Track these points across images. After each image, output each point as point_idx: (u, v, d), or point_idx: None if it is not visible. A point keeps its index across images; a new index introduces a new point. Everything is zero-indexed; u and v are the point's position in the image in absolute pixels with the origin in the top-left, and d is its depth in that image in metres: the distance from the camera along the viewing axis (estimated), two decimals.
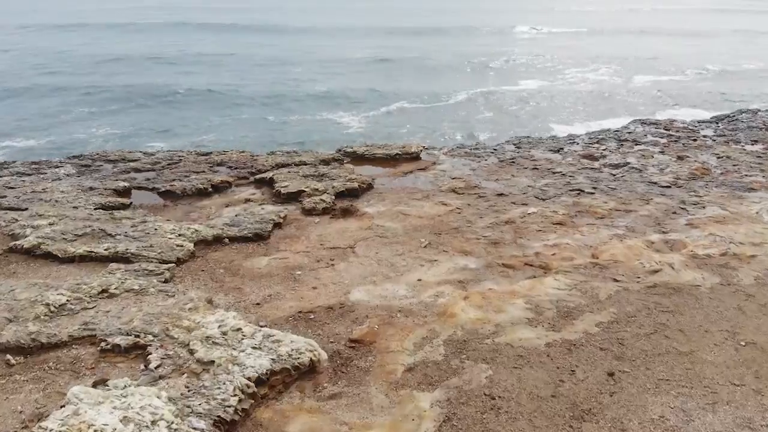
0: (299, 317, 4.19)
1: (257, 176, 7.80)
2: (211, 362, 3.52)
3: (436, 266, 5.07)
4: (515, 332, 4.00)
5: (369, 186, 7.41)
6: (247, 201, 7.05)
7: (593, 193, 7.11)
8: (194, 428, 3.01)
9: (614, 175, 7.89)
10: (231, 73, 22.54)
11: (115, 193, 7.21)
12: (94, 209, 6.60)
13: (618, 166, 8.30)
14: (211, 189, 7.30)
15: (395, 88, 19.38)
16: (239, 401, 3.25)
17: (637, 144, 9.67)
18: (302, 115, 16.41)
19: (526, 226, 6.03)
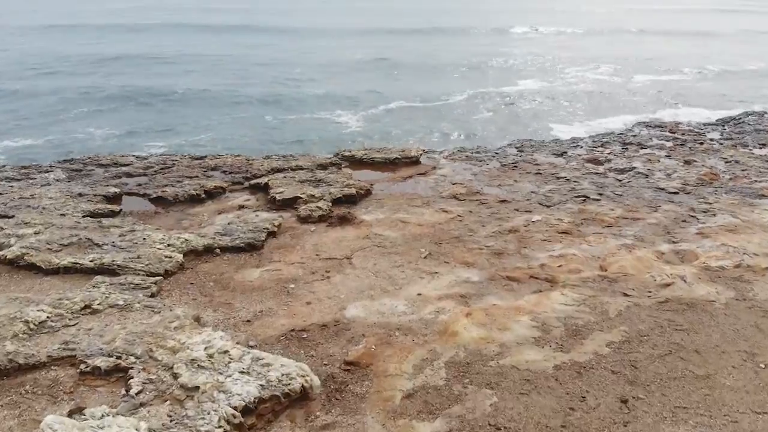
0: (291, 336, 3.95)
1: (252, 181, 7.56)
2: (196, 388, 3.28)
3: (437, 279, 4.83)
4: (521, 353, 3.77)
5: (367, 192, 7.17)
6: (241, 208, 6.82)
7: (599, 200, 6.87)
8: None
9: (620, 181, 7.65)
10: (230, 74, 22.33)
11: (105, 200, 6.98)
12: (82, 217, 6.37)
13: (624, 171, 8.06)
14: (204, 195, 7.07)
15: (394, 88, 19.17)
16: None
17: (643, 147, 9.43)
18: (301, 114, 16.23)
19: (531, 235, 5.79)
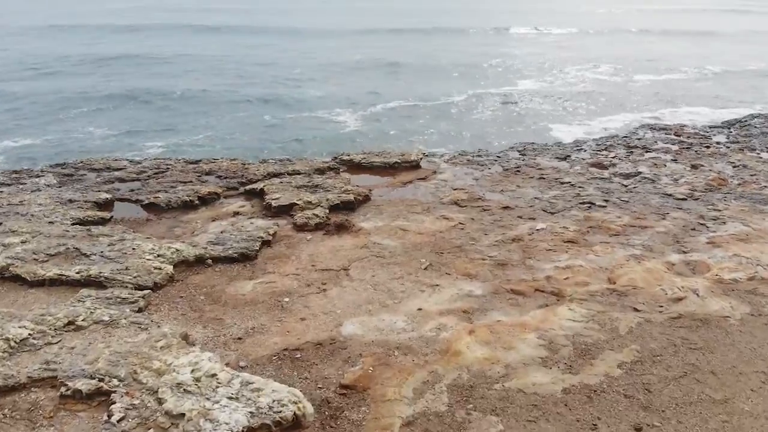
0: (284, 356, 3.74)
1: (247, 187, 7.35)
2: (181, 416, 3.07)
3: (438, 292, 4.62)
4: (528, 375, 3.55)
5: (366, 198, 6.96)
6: (236, 214, 6.61)
7: (605, 207, 6.66)
8: None
9: (626, 186, 7.43)
10: (229, 74, 22.21)
11: (96, 206, 6.77)
12: (71, 224, 6.15)
13: (629, 176, 7.85)
14: (198, 201, 6.86)
15: (394, 89, 19.01)
16: None
17: (648, 151, 9.22)
18: (299, 113, 16.12)
19: (535, 245, 5.58)
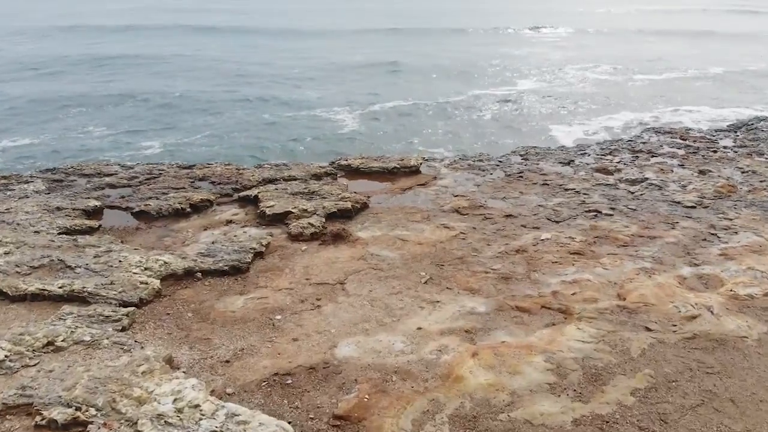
0: (274, 382, 3.50)
1: (242, 194, 7.11)
2: None
3: (439, 309, 4.38)
4: (535, 403, 3.32)
5: (364, 205, 6.72)
6: (229, 223, 6.37)
7: (611, 215, 6.42)
8: None
9: (632, 193, 7.19)
10: (228, 74, 22.12)
11: (84, 214, 6.53)
12: (58, 234, 5.92)
13: (636, 182, 7.61)
14: (190, 209, 6.62)
15: (393, 89, 18.86)
16: None
17: (654, 156, 8.98)
18: (298, 113, 16.00)
19: (540, 256, 5.34)
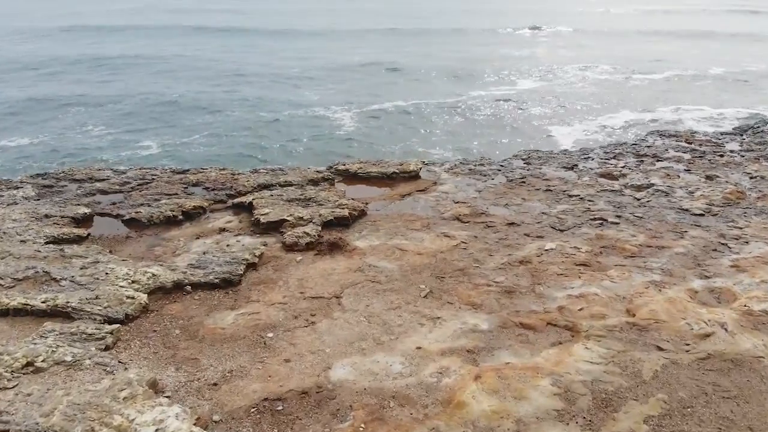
0: (264, 408, 3.29)
1: (236, 200, 6.90)
2: None
3: (440, 326, 4.17)
4: None
5: (361, 213, 6.51)
6: (222, 231, 6.16)
7: (618, 223, 6.21)
8: None
9: (639, 200, 6.99)
10: (227, 74, 22.01)
11: (73, 222, 6.32)
12: (44, 243, 5.71)
13: (641, 188, 7.40)
14: (182, 217, 6.41)
15: (392, 89, 18.71)
16: None
17: (659, 160, 8.77)
18: (296, 112, 15.88)
19: (545, 268, 5.13)
